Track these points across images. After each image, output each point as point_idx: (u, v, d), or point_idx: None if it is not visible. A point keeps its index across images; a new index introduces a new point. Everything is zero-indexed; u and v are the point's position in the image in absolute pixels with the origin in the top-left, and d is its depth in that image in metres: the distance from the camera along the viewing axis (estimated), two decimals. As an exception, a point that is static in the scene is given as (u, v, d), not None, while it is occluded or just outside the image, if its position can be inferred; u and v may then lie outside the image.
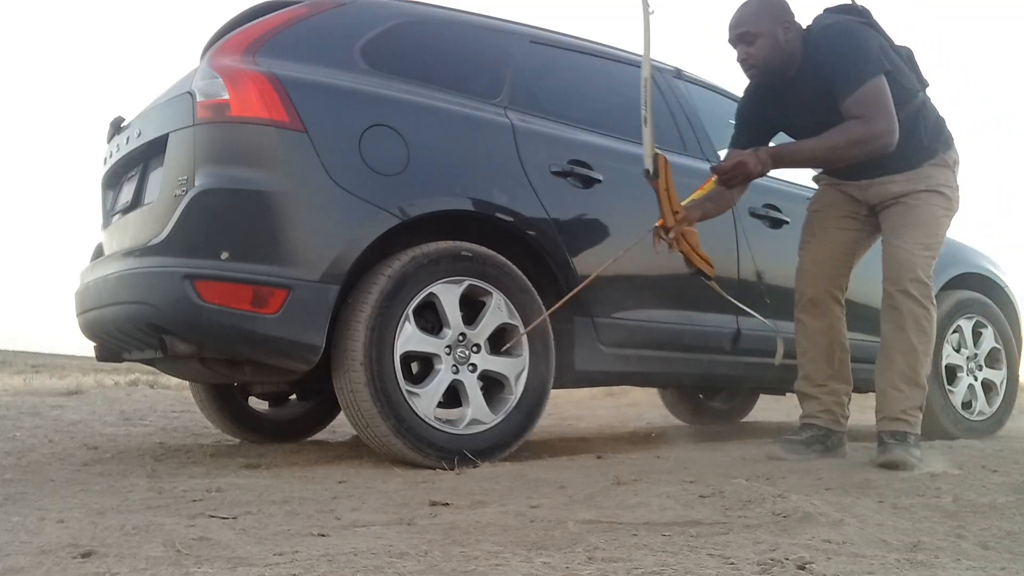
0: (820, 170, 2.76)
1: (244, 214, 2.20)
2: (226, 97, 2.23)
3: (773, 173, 3.34)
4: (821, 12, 2.53)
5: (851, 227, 2.66)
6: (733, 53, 2.51)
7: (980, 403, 3.63)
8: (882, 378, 2.50)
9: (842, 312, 2.65)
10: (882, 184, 2.56)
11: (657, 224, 2.40)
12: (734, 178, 2.45)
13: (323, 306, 2.20)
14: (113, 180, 2.88)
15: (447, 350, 2.35)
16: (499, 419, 2.41)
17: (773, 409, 5.26)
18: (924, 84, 2.60)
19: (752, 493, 1.74)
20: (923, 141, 2.53)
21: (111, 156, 2.85)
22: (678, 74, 3.29)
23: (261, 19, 2.50)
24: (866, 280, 2.80)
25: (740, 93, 2.77)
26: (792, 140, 2.61)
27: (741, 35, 2.45)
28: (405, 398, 2.26)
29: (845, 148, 2.40)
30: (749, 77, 2.55)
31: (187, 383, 3.61)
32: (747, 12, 2.45)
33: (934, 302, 2.48)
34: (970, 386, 3.63)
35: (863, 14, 2.50)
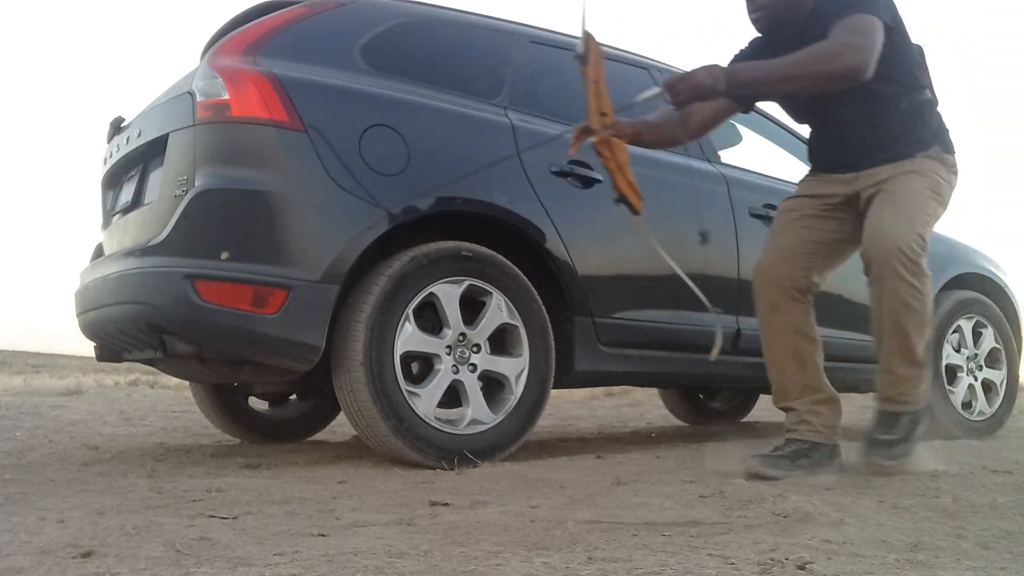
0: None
1: (244, 214, 2.20)
2: (226, 97, 2.23)
3: (772, 172, 3.36)
4: None
5: (817, 225, 2.39)
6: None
7: (980, 403, 3.63)
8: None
9: (806, 309, 2.34)
10: (869, 176, 2.30)
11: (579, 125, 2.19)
12: (682, 91, 2.13)
13: (323, 306, 2.20)
14: (113, 180, 2.88)
15: (447, 350, 2.35)
16: (499, 419, 2.41)
17: (773, 409, 5.25)
18: (931, 86, 2.36)
19: (752, 493, 1.74)
20: (922, 135, 2.30)
21: (111, 156, 2.85)
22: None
23: (261, 19, 2.50)
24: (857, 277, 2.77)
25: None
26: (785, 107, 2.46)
27: None
28: (405, 398, 2.25)
29: (810, 63, 2.09)
30: (755, 23, 2.32)
31: (187, 383, 3.60)
32: None
33: (925, 272, 2.15)
34: (970, 386, 3.63)
35: None
